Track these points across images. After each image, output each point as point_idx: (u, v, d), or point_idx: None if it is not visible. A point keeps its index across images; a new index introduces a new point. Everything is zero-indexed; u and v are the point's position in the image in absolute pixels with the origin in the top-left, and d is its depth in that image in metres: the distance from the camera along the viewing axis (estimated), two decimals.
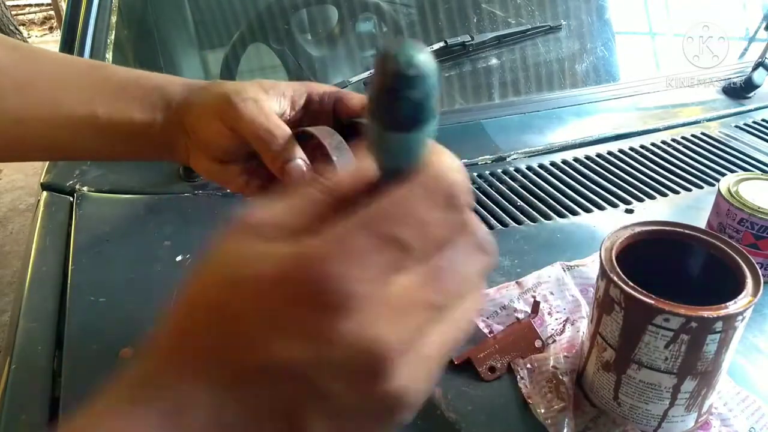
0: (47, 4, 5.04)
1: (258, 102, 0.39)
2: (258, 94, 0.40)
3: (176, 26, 0.99)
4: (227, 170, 0.42)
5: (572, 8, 1.00)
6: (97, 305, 0.52)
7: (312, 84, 0.43)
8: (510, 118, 0.84)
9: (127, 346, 0.47)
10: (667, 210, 0.67)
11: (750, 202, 0.52)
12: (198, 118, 0.41)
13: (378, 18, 1.01)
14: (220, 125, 0.39)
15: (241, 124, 0.38)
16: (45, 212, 0.66)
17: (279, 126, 0.39)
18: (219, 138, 0.40)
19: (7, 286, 2.06)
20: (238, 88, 0.40)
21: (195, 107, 0.41)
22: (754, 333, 0.49)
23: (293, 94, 0.42)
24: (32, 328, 0.50)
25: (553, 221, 0.64)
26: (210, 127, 0.40)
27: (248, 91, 0.39)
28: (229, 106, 0.39)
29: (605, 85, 0.95)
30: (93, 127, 0.42)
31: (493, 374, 0.45)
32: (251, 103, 0.39)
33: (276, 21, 0.95)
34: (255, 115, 0.38)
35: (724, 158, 0.77)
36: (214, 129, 0.40)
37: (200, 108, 0.41)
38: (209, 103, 0.40)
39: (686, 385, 0.39)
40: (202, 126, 0.41)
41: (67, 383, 0.45)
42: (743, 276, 0.39)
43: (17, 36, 3.58)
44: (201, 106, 0.41)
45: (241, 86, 0.40)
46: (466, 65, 0.91)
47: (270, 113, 0.39)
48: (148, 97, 0.42)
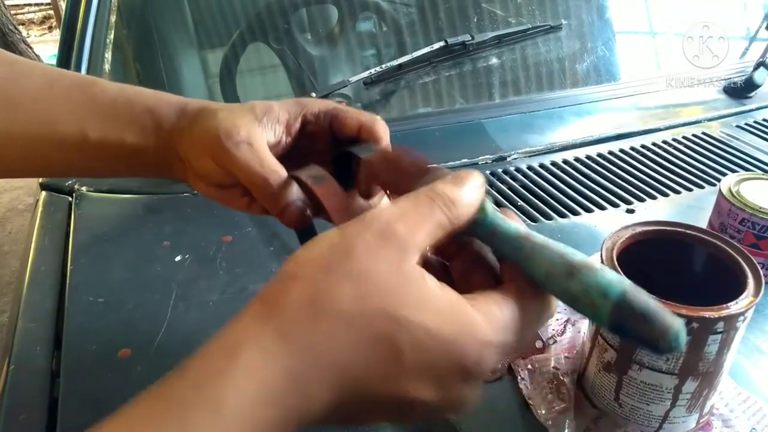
0: (46, 4, 5.04)
1: (251, 144, 0.37)
2: (252, 131, 0.38)
3: (176, 26, 0.99)
4: (228, 193, 0.41)
5: (572, 8, 1.00)
6: (96, 305, 0.52)
7: (307, 102, 0.42)
8: (510, 118, 0.84)
9: (126, 346, 0.47)
10: (668, 210, 0.67)
11: (751, 202, 0.52)
12: (190, 150, 0.40)
13: (378, 18, 1.01)
14: (213, 164, 0.38)
15: (234, 169, 0.38)
16: (44, 212, 0.65)
17: (273, 170, 0.38)
18: (213, 172, 0.39)
19: (6, 286, 2.06)
20: (230, 126, 0.38)
21: (186, 138, 0.40)
22: (756, 333, 0.49)
23: (288, 118, 0.40)
24: (31, 328, 0.50)
25: (553, 221, 0.64)
26: (203, 163, 0.39)
27: (240, 130, 0.38)
28: (221, 149, 0.37)
29: (606, 84, 0.95)
30: (84, 148, 0.41)
31: (494, 375, 0.45)
32: (244, 147, 0.37)
33: (276, 20, 0.95)
34: (249, 161, 0.37)
35: (725, 158, 0.77)
36: (207, 165, 0.39)
37: (192, 142, 0.39)
38: (201, 138, 0.39)
39: (688, 385, 0.38)
40: (194, 160, 0.40)
41: (66, 383, 0.45)
42: (744, 276, 0.39)
43: (16, 35, 3.58)
44: (192, 139, 0.39)
45: (233, 121, 0.38)
46: (467, 65, 0.91)
47: (264, 155, 0.38)
48: (139, 120, 0.41)
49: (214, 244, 0.60)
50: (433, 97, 0.91)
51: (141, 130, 0.41)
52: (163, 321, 0.50)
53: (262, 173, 0.37)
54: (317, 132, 0.42)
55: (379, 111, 0.90)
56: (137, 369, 0.46)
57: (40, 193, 0.69)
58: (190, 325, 0.50)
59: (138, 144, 0.40)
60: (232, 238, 0.61)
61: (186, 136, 0.39)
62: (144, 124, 0.41)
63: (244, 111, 0.39)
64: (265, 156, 0.38)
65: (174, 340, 0.48)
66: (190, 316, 0.50)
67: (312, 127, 0.42)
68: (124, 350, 0.47)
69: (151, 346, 0.48)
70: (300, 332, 0.24)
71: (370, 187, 0.39)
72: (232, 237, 0.61)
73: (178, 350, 0.47)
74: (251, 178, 0.37)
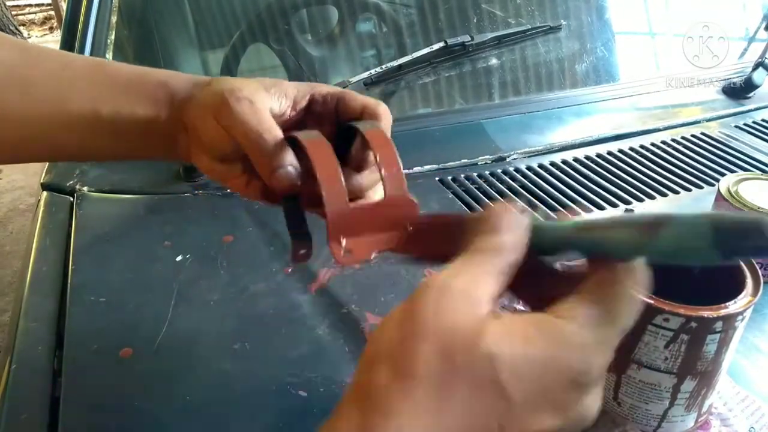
0: (47, 4, 5.04)
1: (253, 102, 0.38)
2: (256, 93, 0.39)
3: (176, 26, 0.99)
4: (228, 169, 0.42)
5: (572, 8, 1.00)
6: (98, 305, 0.52)
7: (317, 85, 0.42)
8: (510, 118, 0.84)
9: (127, 346, 0.48)
10: (667, 210, 0.67)
11: (750, 202, 0.52)
12: (196, 115, 0.40)
13: (378, 18, 1.01)
14: (215, 124, 0.39)
15: (232, 124, 0.38)
16: (45, 212, 0.66)
17: (270, 129, 0.38)
18: (215, 137, 0.39)
19: (8, 286, 2.07)
20: (237, 85, 0.38)
21: (194, 104, 0.40)
22: (754, 333, 0.49)
23: (296, 94, 0.41)
24: (32, 328, 0.50)
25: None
26: (206, 126, 0.39)
27: (245, 89, 0.38)
28: (223, 105, 0.38)
29: (605, 85, 0.95)
30: (96, 126, 0.41)
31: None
32: (245, 103, 0.37)
33: (276, 21, 0.96)
34: (247, 116, 0.37)
35: (724, 158, 0.77)
36: (210, 127, 0.39)
37: (199, 105, 0.40)
38: (207, 100, 0.39)
39: (686, 385, 0.39)
40: (199, 124, 0.40)
41: (68, 383, 0.45)
42: (743, 276, 0.39)
43: (18, 36, 3.59)
44: (199, 102, 0.40)
45: (239, 83, 0.39)
46: (466, 65, 0.91)
47: (263, 115, 0.38)
48: (153, 93, 0.41)
49: (215, 244, 0.60)
50: (433, 97, 0.91)
51: (153, 102, 0.41)
52: (164, 321, 0.50)
53: (258, 129, 0.37)
54: (323, 113, 0.42)
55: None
56: (138, 368, 0.46)
57: (42, 193, 0.69)
58: (191, 325, 0.50)
59: (149, 116, 0.41)
60: (232, 238, 0.61)
61: (194, 101, 0.40)
62: (157, 97, 0.41)
63: (254, 80, 0.40)
64: (263, 115, 0.38)
65: (175, 340, 0.48)
66: (191, 316, 0.51)
67: (319, 107, 0.42)
68: (126, 350, 0.47)
69: (153, 345, 0.48)
70: (401, 415, 0.23)
71: (363, 159, 0.39)
72: (232, 237, 0.61)
73: (179, 350, 0.48)
74: (247, 133, 0.37)
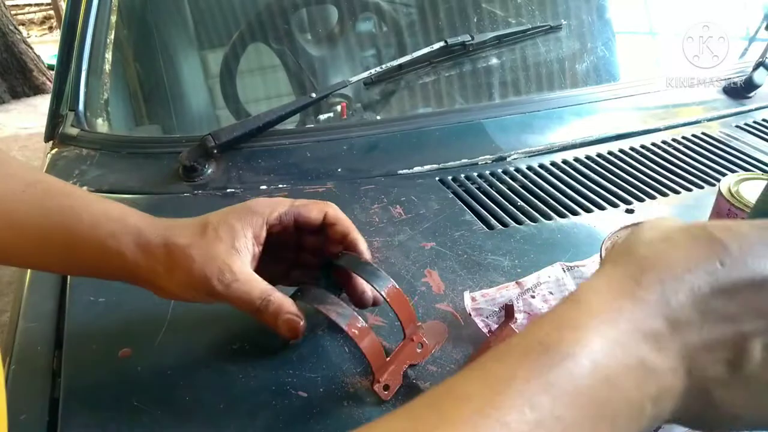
0: (47, 4, 5.04)
1: (239, 279, 0.42)
2: (234, 266, 0.42)
3: (176, 26, 0.99)
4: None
5: (572, 8, 1.00)
6: (97, 305, 0.52)
7: (263, 209, 0.45)
8: (510, 118, 0.84)
9: (127, 346, 0.47)
10: (668, 210, 0.67)
11: (751, 203, 0.52)
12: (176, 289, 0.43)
13: (378, 18, 1.01)
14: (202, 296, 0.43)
15: (230, 303, 0.42)
16: None
17: (262, 294, 0.42)
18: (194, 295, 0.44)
19: (7, 286, 2.06)
20: (214, 270, 0.41)
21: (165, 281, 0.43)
22: None
23: (254, 231, 0.44)
24: (32, 328, 0.50)
25: (553, 221, 0.64)
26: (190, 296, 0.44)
27: (226, 273, 0.41)
28: (214, 292, 0.42)
29: (605, 85, 0.95)
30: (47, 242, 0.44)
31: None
32: (235, 286, 0.42)
33: (276, 21, 0.95)
34: (242, 296, 0.42)
35: (725, 158, 0.77)
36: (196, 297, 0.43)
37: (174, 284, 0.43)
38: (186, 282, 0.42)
39: None
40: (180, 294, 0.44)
41: (67, 383, 0.45)
42: None
43: (16, 36, 3.57)
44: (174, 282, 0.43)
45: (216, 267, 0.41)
46: (466, 65, 0.91)
47: (251, 281, 0.42)
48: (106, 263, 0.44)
49: None
50: (433, 97, 0.91)
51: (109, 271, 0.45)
52: (163, 320, 0.50)
53: (258, 305, 0.42)
54: (283, 233, 0.46)
55: (379, 111, 0.90)
56: (138, 368, 0.46)
57: None
58: (190, 325, 0.50)
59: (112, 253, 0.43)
60: None
61: (165, 279, 0.43)
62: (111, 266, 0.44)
63: (215, 243, 0.42)
64: (251, 280, 0.42)
65: (175, 340, 0.48)
66: (191, 316, 0.50)
67: (278, 229, 0.45)
68: (125, 350, 0.47)
69: (152, 345, 0.48)
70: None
71: (362, 299, 0.48)
72: None
73: (178, 349, 0.48)
74: (248, 308, 0.42)
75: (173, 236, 0.43)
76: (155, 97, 0.95)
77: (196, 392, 0.44)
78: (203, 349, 0.48)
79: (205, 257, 0.42)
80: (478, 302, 0.52)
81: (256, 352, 0.47)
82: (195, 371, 0.46)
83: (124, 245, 0.42)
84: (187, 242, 0.42)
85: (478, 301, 0.52)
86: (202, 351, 0.48)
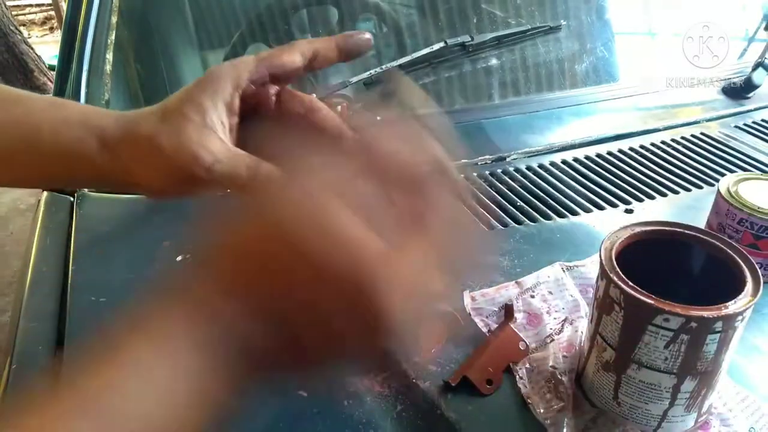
0: (48, 5, 5.04)
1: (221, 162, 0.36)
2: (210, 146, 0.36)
3: (176, 26, 0.99)
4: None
5: (572, 8, 1.00)
6: (98, 305, 0.52)
7: (228, 72, 0.38)
8: (510, 118, 0.84)
9: None
10: (667, 210, 0.67)
11: (749, 202, 0.52)
12: (151, 178, 0.38)
13: (378, 18, 1.01)
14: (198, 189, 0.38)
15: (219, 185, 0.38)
16: (45, 212, 0.66)
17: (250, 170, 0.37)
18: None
19: (8, 286, 2.06)
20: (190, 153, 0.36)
21: (141, 169, 0.38)
22: (754, 333, 0.49)
23: (225, 100, 0.38)
24: (32, 328, 0.50)
25: (552, 221, 0.64)
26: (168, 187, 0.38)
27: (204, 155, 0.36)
28: (197, 180, 0.36)
29: (605, 85, 0.95)
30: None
31: (491, 386, 0.45)
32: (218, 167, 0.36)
33: (276, 21, 0.96)
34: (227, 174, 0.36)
35: (724, 158, 0.77)
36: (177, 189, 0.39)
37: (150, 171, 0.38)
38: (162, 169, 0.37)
39: (686, 385, 0.39)
40: (156, 184, 0.38)
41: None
42: (743, 276, 0.39)
43: (17, 36, 3.57)
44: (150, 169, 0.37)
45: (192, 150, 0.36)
46: (466, 65, 0.91)
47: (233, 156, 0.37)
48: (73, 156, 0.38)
49: None
50: (433, 97, 0.91)
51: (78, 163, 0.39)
52: None
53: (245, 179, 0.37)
54: (259, 94, 0.40)
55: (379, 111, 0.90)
56: None
57: (42, 193, 0.69)
58: None
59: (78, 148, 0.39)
60: None
61: (141, 176, 0.38)
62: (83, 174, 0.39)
63: (184, 125, 0.36)
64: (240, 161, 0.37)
65: None
66: None
67: (251, 90, 0.39)
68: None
69: None
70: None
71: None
72: None
73: None
74: (236, 187, 0.37)
75: (136, 128, 0.37)
76: (156, 97, 0.95)
77: None
78: None
79: (175, 144, 0.36)
80: (477, 302, 0.52)
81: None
82: None
83: (90, 149, 0.37)
84: (152, 131, 0.36)
85: (477, 301, 0.52)
86: None
